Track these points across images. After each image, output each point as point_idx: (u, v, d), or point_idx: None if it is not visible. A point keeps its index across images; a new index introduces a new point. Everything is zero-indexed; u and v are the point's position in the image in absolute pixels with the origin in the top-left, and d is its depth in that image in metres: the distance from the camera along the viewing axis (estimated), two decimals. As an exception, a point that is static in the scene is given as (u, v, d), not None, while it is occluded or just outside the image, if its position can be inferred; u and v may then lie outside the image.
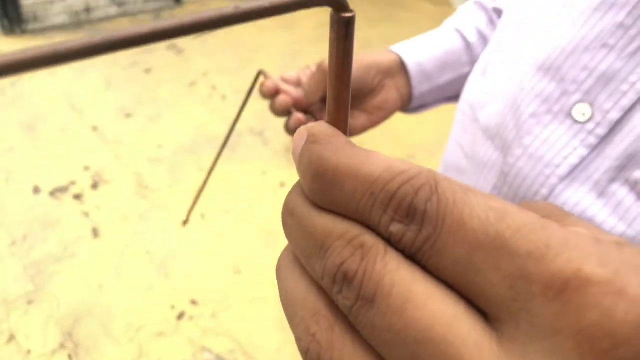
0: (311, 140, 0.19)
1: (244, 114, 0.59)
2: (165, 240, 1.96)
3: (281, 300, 0.20)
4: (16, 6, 3.12)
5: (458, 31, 0.66)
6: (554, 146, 0.43)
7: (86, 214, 2.04)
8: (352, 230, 0.17)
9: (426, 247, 0.16)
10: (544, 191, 0.43)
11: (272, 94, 0.58)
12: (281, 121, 0.61)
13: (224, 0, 3.88)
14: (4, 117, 2.51)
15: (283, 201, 0.20)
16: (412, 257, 0.16)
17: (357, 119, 0.62)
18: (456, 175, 0.57)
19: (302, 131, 0.19)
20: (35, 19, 3.23)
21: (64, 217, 2.02)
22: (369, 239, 0.17)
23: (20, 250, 1.86)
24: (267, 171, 2.33)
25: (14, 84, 2.74)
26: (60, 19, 3.31)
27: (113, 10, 3.50)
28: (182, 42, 3.29)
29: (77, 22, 3.36)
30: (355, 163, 0.17)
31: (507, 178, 0.46)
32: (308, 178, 0.18)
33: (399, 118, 0.64)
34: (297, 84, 0.60)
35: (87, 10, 3.40)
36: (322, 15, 3.85)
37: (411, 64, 0.63)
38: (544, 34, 0.45)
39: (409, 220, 0.16)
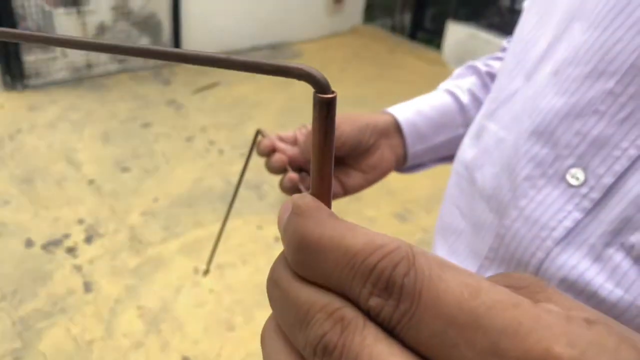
0: (295, 212, 0.19)
1: (239, 168, 0.60)
2: (157, 295, 1.93)
3: None
4: (19, 62, 3.19)
5: (452, 93, 0.68)
6: (549, 209, 0.43)
7: (78, 268, 2.02)
8: (333, 303, 0.18)
9: (404, 321, 0.16)
10: (540, 254, 0.43)
11: (268, 152, 0.59)
12: (277, 176, 0.62)
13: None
14: (1, 170, 2.51)
15: (278, 255, 0.21)
16: (391, 330, 0.17)
17: (353, 178, 0.63)
18: (453, 237, 0.56)
19: (287, 203, 0.20)
20: (37, 74, 3.29)
21: (56, 271, 1.99)
22: (349, 312, 0.17)
23: (9, 306, 1.83)
24: (262, 225, 2.32)
25: (13, 138, 2.76)
26: (61, 75, 3.38)
27: (114, 66, 3.58)
28: (181, 97, 3.34)
29: (78, 78, 3.43)
30: (336, 236, 0.18)
31: (503, 240, 0.46)
32: (291, 250, 0.19)
33: (395, 174, 0.65)
34: (294, 142, 0.61)
35: (89, 66, 3.47)
36: (318, 73, 3.93)
37: (405, 124, 0.64)
38: (537, 100, 0.46)
39: (387, 295, 0.17)
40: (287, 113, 3.31)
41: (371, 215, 2.44)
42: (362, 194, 2.55)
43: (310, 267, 0.19)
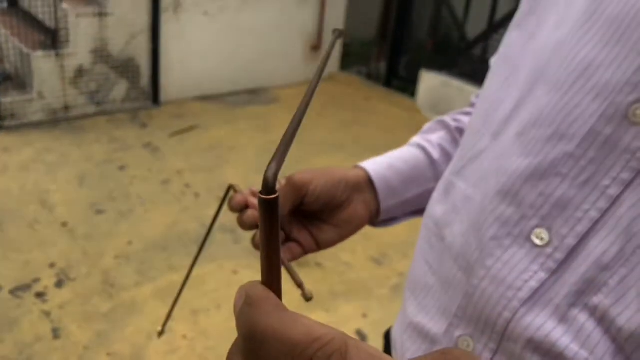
0: (246, 302, 0.22)
1: (214, 212, 0.61)
2: (129, 342, 1.88)
3: None
4: (-5, 103, 3.17)
5: (422, 148, 0.69)
6: (515, 269, 0.44)
7: (47, 314, 1.96)
8: None
9: None
10: (507, 314, 0.43)
11: (241, 208, 0.60)
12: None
13: (201, 102, 4.01)
14: (-30, 212, 2.46)
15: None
16: None
17: (326, 232, 0.63)
18: (423, 293, 0.57)
19: (242, 291, 0.22)
20: (12, 116, 3.27)
21: (24, 316, 1.94)
22: None
23: (-26, 353, 1.77)
24: (237, 270, 2.30)
25: (-15, 179, 2.72)
26: (38, 117, 3.36)
27: (91, 109, 3.58)
28: (158, 140, 3.35)
29: (54, 120, 3.41)
30: (280, 328, 0.20)
31: (471, 299, 0.47)
32: (242, 337, 0.21)
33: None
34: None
35: (66, 108, 3.47)
36: (296, 118, 3.99)
37: (377, 179, 0.65)
38: (503, 160, 0.47)
39: None
40: (264, 156, 3.33)
41: (347, 260, 2.44)
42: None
43: (257, 355, 0.21)
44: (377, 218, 0.67)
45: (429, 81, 4.35)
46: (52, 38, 3.34)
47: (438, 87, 4.27)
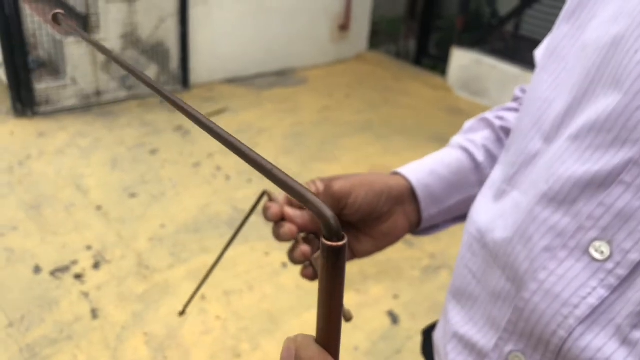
0: None
1: (245, 194, 0.60)
2: (164, 322, 1.93)
3: None
4: (29, 90, 3.24)
5: (466, 150, 0.66)
6: (571, 284, 0.41)
7: (86, 295, 2.02)
8: None
9: None
10: (562, 333, 0.41)
11: (277, 219, 0.57)
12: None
13: (230, 85, 4.02)
14: (10, 196, 2.54)
15: (285, 282, 0.21)
16: None
17: (363, 243, 0.61)
18: (469, 303, 0.54)
19: (291, 346, 0.21)
20: (47, 102, 3.34)
21: (63, 297, 2.00)
22: None
23: (17, 332, 1.83)
24: (269, 252, 2.32)
25: (22, 164, 2.79)
26: (71, 102, 3.43)
27: (122, 93, 3.63)
28: (188, 124, 3.38)
29: (87, 105, 3.47)
30: None
31: (522, 314, 0.44)
32: None
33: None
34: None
35: (98, 93, 3.52)
36: (324, 100, 3.98)
37: (420, 189, 0.62)
38: (555, 165, 0.44)
39: None
40: (293, 138, 3.34)
41: (377, 241, 2.43)
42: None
43: None
44: (417, 227, 0.65)
45: (460, 59, 4.27)
46: (83, 24, 3.38)
47: (470, 65, 4.19)
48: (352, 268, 2.25)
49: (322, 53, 4.62)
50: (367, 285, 2.18)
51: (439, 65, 4.66)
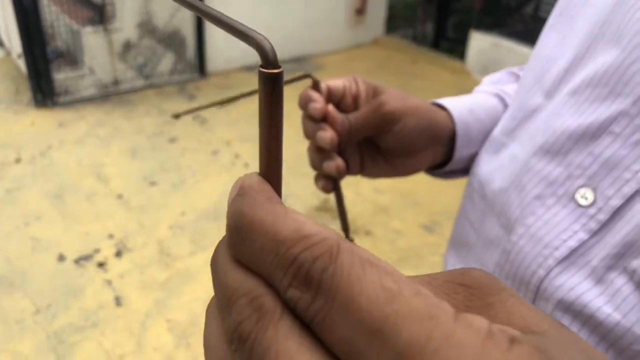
0: (239, 192, 0.19)
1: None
2: (186, 309, 1.94)
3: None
4: (48, 80, 3.27)
5: (499, 97, 0.63)
6: (555, 228, 0.43)
7: (109, 282, 2.04)
8: (257, 289, 0.17)
9: (317, 319, 0.16)
10: (541, 272, 0.43)
11: (320, 118, 0.51)
12: (305, 186, 0.59)
13: (247, 72, 4.01)
14: (33, 186, 2.57)
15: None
16: (307, 324, 0.16)
17: (377, 166, 0.57)
18: (464, 251, 0.56)
19: (237, 182, 0.20)
20: (67, 92, 3.37)
21: (88, 285, 2.02)
22: (269, 301, 0.17)
23: (44, 319, 1.86)
24: (289, 238, 2.32)
25: (44, 154, 2.82)
26: (90, 92, 3.45)
27: (140, 82, 3.64)
28: (206, 112, 3.38)
29: (105, 94, 3.49)
30: (268, 221, 0.18)
31: (509, 256, 0.46)
32: (229, 229, 0.19)
33: (421, 184, 0.64)
34: (340, 97, 0.53)
35: (115, 83, 3.54)
36: (341, 85, 3.95)
37: (460, 127, 0.58)
38: (553, 119, 0.46)
39: (305, 288, 0.16)
40: (311, 125, 3.33)
41: (397, 227, 2.43)
42: (388, 206, 2.54)
43: (241, 250, 0.18)
44: (438, 168, 0.62)
45: (479, 42, 4.20)
46: (100, 13, 3.39)
47: (488, 48, 4.13)
48: (373, 254, 2.25)
49: (339, 38, 4.59)
50: (388, 271, 2.18)
51: (457, 48, 4.60)
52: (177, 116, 0.49)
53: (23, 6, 3.05)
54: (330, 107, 0.51)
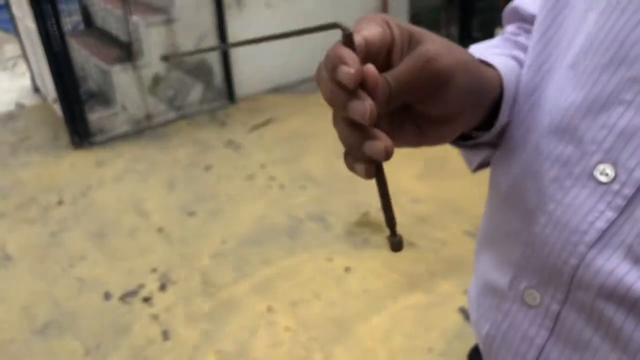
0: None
1: (301, 201, 0.51)
2: (234, 338, 1.92)
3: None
4: (84, 122, 3.34)
5: (519, 62, 0.52)
6: (578, 211, 0.40)
7: (155, 317, 2.04)
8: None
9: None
10: (573, 261, 0.40)
11: (355, 85, 0.35)
12: (343, 202, 0.53)
13: (274, 94, 4.02)
14: (76, 227, 2.61)
15: (350, 287, 0.18)
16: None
17: (406, 135, 0.43)
18: (488, 248, 0.54)
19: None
20: (102, 131, 3.43)
21: (134, 321, 2.03)
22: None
23: (94, 360, 1.87)
24: (331, 257, 2.28)
25: (85, 194, 2.87)
26: (124, 129, 3.51)
27: (172, 114, 3.69)
28: (238, 137, 3.39)
29: (139, 129, 3.55)
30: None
31: (534, 248, 0.44)
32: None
33: (459, 190, 0.61)
34: (378, 51, 0.39)
35: (148, 117, 3.59)
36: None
37: (508, 92, 0.47)
38: (556, 96, 0.43)
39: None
40: (344, 140, 3.29)
41: (441, 237, 2.36)
42: (428, 215, 2.48)
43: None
44: (467, 139, 0.50)
45: (506, 39, 4.11)
46: (127, 51, 3.46)
47: (517, 44, 4.03)
48: (418, 267, 2.19)
49: (363, 50, 4.56)
50: (435, 284, 2.11)
51: (485, 47, 4.51)
52: (166, 58, 0.39)
53: (54, 52, 3.13)
54: (371, 69, 0.35)
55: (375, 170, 0.39)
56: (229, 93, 3.90)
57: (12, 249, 2.49)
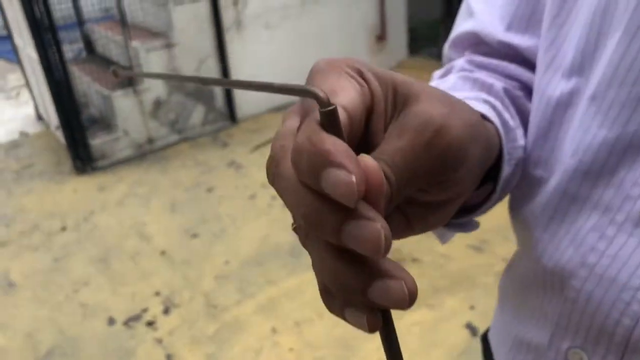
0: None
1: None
2: (238, 361, 1.90)
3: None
4: (86, 147, 3.36)
5: (492, 107, 0.42)
6: (627, 264, 0.35)
7: (159, 341, 2.03)
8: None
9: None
10: (627, 321, 0.35)
11: (359, 198, 0.22)
12: None
13: (275, 114, 4.04)
14: (79, 252, 2.61)
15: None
16: None
17: (414, 218, 0.34)
18: (519, 296, 0.48)
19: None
20: (104, 156, 3.45)
21: (138, 346, 2.01)
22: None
23: (97, 387, 1.85)
24: (334, 275, 2.27)
25: (87, 220, 2.87)
26: (126, 153, 3.53)
27: (174, 137, 3.70)
28: (240, 157, 3.40)
29: (140, 153, 3.57)
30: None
31: (575, 305, 0.38)
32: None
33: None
34: (359, 123, 0.27)
35: (150, 141, 3.61)
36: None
37: (508, 148, 0.41)
38: (579, 133, 0.38)
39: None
40: (345, 157, 3.29)
41: (444, 251, 2.34)
42: (432, 230, 2.46)
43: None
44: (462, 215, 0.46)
45: (505, 51, 4.12)
46: (128, 77, 3.49)
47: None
48: (422, 283, 2.17)
49: (362, 67, 4.58)
50: (441, 299, 2.09)
51: (484, 60, 4.52)
52: (115, 74, 0.36)
53: (56, 80, 3.16)
54: (370, 163, 0.23)
55: (382, 319, 0.26)
56: (231, 114, 3.92)
57: (15, 276, 2.49)
